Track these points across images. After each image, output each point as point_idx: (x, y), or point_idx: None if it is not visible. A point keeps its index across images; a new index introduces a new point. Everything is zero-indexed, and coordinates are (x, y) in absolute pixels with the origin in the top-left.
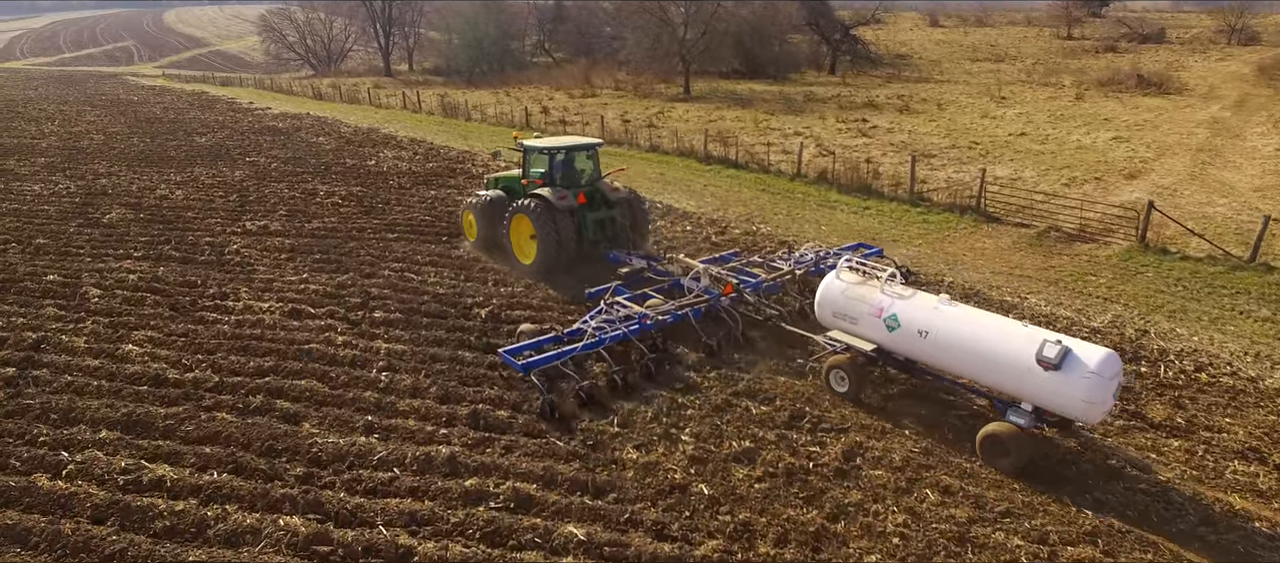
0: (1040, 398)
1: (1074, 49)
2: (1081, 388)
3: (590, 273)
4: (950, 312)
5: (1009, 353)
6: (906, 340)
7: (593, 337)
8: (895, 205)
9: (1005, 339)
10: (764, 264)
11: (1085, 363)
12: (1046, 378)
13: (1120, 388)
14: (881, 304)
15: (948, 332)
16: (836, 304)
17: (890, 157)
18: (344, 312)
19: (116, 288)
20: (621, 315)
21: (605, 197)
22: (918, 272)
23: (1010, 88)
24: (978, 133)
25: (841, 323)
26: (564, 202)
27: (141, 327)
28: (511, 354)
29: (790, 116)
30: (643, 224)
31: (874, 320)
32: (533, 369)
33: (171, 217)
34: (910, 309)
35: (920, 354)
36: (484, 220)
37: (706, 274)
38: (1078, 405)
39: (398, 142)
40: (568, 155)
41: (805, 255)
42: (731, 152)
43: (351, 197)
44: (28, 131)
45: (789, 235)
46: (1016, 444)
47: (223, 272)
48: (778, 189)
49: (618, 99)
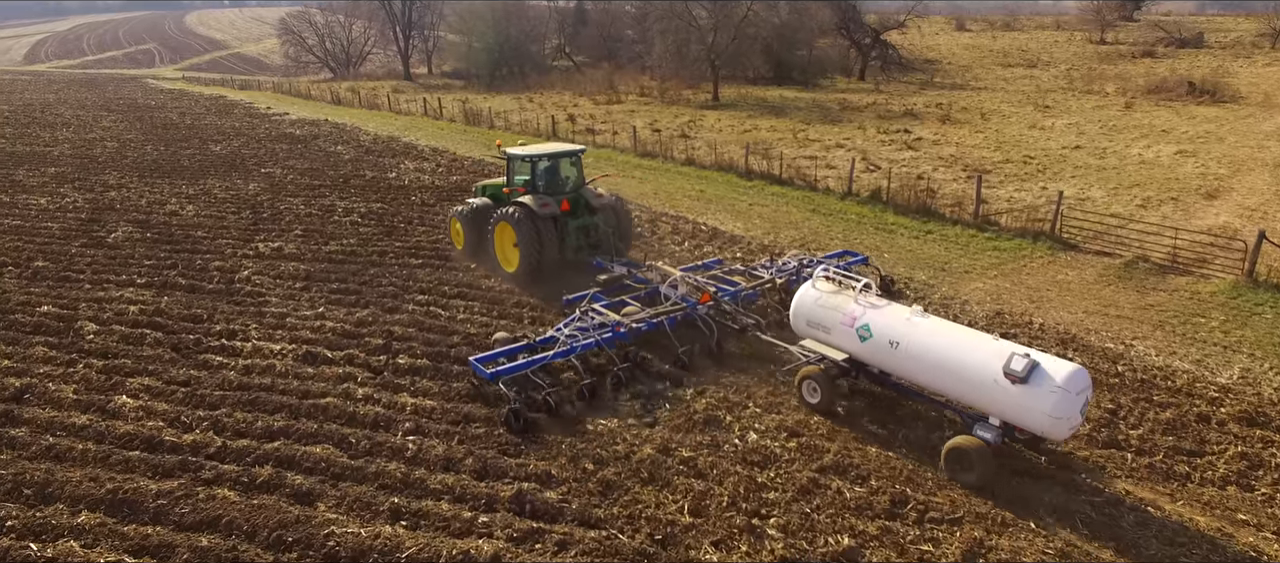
0: (1007, 412)
1: (1109, 54)
2: (1048, 402)
3: (580, 280)
4: (922, 323)
5: (977, 365)
6: (878, 351)
7: (565, 345)
8: (959, 230)
9: (974, 351)
10: (746, 272)
11: (1052, 377)
12: (1013, 391)
13: (1088, 404)
14: (854, 314)
15: (918, 342)
16: (810, 313)
17: (942, 172)
18: (364, 357)
19: (115, 322)
20: (596, 323)
21: (588, 203)
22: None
23: (1053, 96)
24: (1029, 145)
25: (815, 332)
26: (546, 210)
27: (138, 372)
28: (482, 362)
29: (828, 126)
30: (626, 231)
31: (846, 330)
32: (501, 378)
33: (180, 236)
34: (882, 319)
35: (891, 365)
36: (471, 228)
37: (684, 282)
38: (1044, 420)
39: (419, 151)
40: (550, 163)
41: (788, 264)
42: (774, 166)
43: (372, 214)
44: (41, 139)
45: None
46: (980, 459)
47: (232, 303)
48: (829, 210)
49: (644, 106)
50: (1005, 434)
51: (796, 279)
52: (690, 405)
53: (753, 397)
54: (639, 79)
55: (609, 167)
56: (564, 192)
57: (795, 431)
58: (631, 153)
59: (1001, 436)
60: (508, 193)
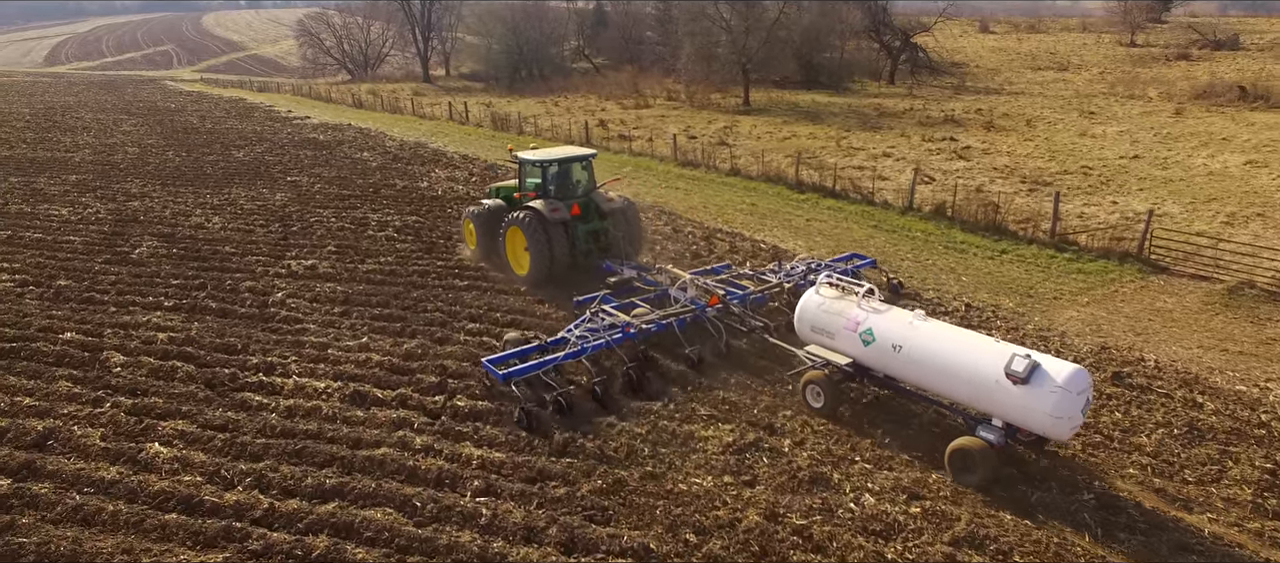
0: (1009, 413)
1: (1142, 57)
2: (1049, 402)
3: (590, 283)
4: (924, 327)
5: (978, 367)
6: (881, 355)
7: (576, 346)
8: (1035, 249)
9: (976, 354)
10: (754, 276)
11: (1053, 377)
12: (1015, 392)
13: (1089, 404)
14: (857, 318)
15: (920, 346)
16: (814, 318)
17: (999, 184)
18: (418, 397)
19: (143, 352)
20: (606, 324)
21: (599, 207)
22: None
23: (1094, 101)
24: (1084, 155)
25: (819, 337)
26: (557, 214)
27: (171, 414)
28: (495, 363)
29: (869, 134)
30: (636, 234)
31: (850, 335)
32: (514, 379)
33: (207, 252)
34: (885, 323)
35: (894, 369)
36: (483, 230)
37: (693, 285)
38: (1045, 420)
39: (449, 159)
40: (561, 167)
41: (796, 268)
42: (827, 178)
43: (408, 229)
44: (62, 144)
45: (928, 289)
46: (983, 460)
47: (267, 330)
48: (891, 226)
49: (674, 111)
50: (1008, 435)
51: (805, 283)
52: (791, 459)
53: (857, 450)
54: (663, 82)
55: (650, 177)
56: (575, 196)
57: (915, 492)
58: (672, 162)
59: (1004, 436)
60: (519, 197)
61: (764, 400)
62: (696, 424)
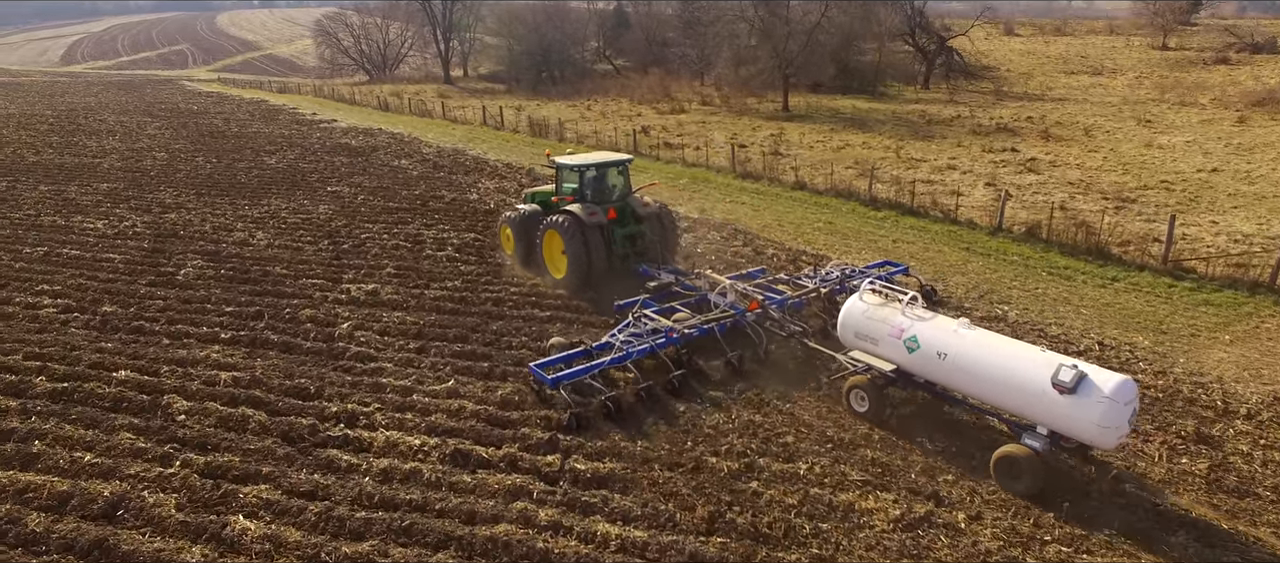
0: (1055, 422)
1: (1178, 61)
2: (1096, 412)
3: (628, 287)
4: (969, 335)
5: (1025, 376)
6: (925, 362)
7: (620, 351)
8: (1149, 277)
9: (1022, 363)
10: (790, 281)
11: (1100, 387)
12: (1062, 401)
13: (1136, 414)
14: (902, 326)
15: (966, 354)
16: (858, 325)
17: (1081, 201)
18: (529, 459)
19: (207, 396)
20: (649, 329)
21: (635, 212)
22: None
23: (1147, 108)
24: (1157, 167)
25: (863, 343)
26: (593, 218)
27: (250, 476)
28: (542, 368)
29: (924, 143)
30: (671, 238)
31: (894, 342)
32: (562, 383)
33: (257, 273)
34: (930, 331)
35: (939, 376)
36: (520, 234)
37: (733, 290)
38: (1092, 430)
39: (492, 168)
40: (598, 172)
41: (830, 273)
42: (901, 193)
43: (468, 247)
44: (89, 148)
45: (1049, 323)
46: (1030, 468)
47: (338, 369)
48: (984, 248)
49: (712, 116)
50: (1053, 443)
51: (840, 288)
52: (973, 539)
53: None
54: (692, 85)
55: (711, 190)
56: (611, 200)
57: None
58: (729, 173)
59: (1050, 444)
60: (556, 201)
61: (917, 462)
62: (852, 492)
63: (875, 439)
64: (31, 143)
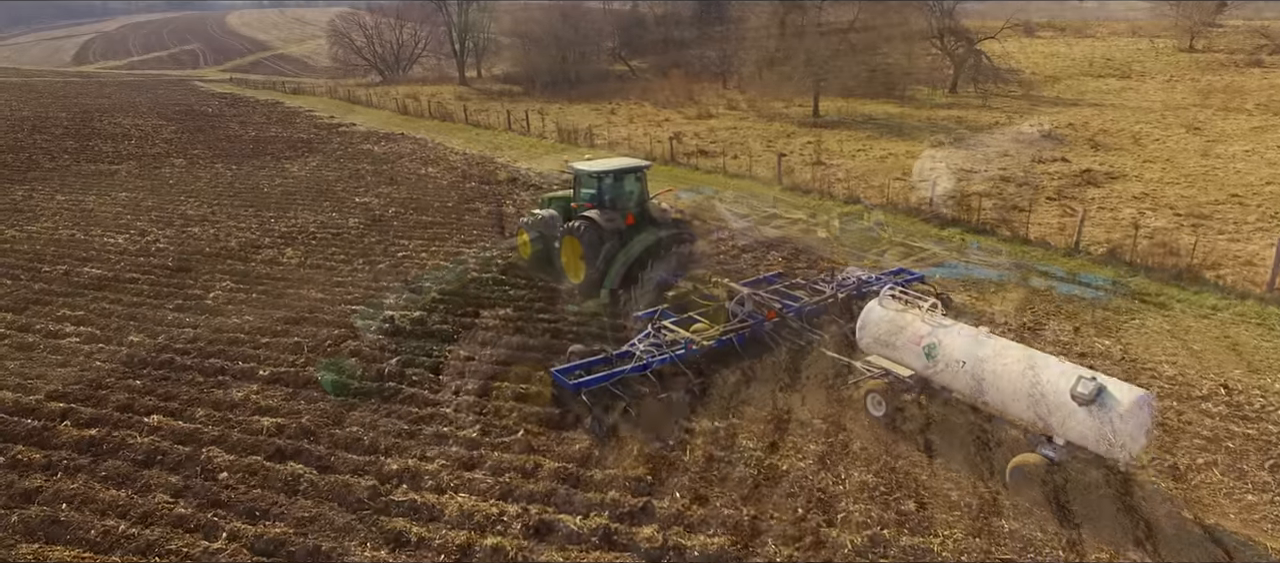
0: (1073, 433)
1: (1208, 63)
2: (1114, 425)
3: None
4: (989, 343)
5: (1044, 387)
6: (944, 369)
7: (641, 360)
8: (1253, 306)
9: (1041, 373)
10: (807, 286)
11: (1119, 401)
12: (1080, 413)
13: (1153, 428)
14: (921, 333)
15: (985, 363)
16: (878, 331)
17: (1151, 218)
18: (626, 531)
19: (248, 447)
20: (668, 340)
21: (652, 218)
22: None
23: (1192, 114)
24: (1221, 179)
25: (882, 349)
26: (611, 224)
27: (309, 556)
28: (562, 374)
29: (968, 153)
30: (689, 245)
31: (913, 348)
32: (583, 389)
33: (291, 296)
34: (949, 339)
35: (957, 383)
36: (538, 239)
37: (751, 299)
38: (1109, 443)
39: (526, 179)
40: (616, 178)
41: (847, 280)
42: (962, 210)
43: (515, 270)
44: (105, 153)
45: (1161, 361)
46: (1046, 477)
47: (394, 417)
48: (1067, 272)
49: (741, 122)
50: (1069, 453)
51: (858, 294)
52: None
53: None
54: (715, 88)
55: (762, 206)
56: (629, 206)
57: None
58: (776, 186)
59: (1066, 454)
60: (576, 207)
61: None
62: None
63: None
64: (47, 148)
